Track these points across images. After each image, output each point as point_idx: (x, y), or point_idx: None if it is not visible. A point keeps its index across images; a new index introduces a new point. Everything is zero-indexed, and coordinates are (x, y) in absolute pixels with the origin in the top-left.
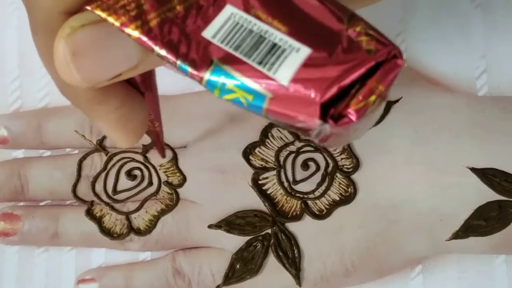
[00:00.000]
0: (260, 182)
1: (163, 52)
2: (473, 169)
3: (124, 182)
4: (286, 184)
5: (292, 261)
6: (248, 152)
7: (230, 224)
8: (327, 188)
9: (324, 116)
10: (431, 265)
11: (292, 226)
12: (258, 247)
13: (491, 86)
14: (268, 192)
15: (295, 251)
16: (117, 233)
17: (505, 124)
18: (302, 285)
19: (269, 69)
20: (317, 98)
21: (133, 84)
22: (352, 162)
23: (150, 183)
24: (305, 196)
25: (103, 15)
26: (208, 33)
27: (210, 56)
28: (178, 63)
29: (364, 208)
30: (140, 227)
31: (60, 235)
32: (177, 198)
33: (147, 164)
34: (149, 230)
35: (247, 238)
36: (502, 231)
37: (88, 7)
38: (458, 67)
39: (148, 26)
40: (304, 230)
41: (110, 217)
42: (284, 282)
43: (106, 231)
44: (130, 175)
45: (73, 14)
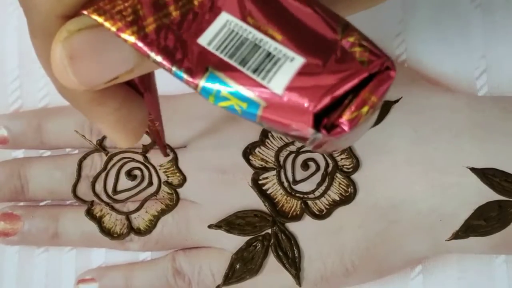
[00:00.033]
0: (260, 182)
1: (158, 59)
2: (473, 169)
3: (124, 182)
4: (286, 184)
5: (292, 261)
6: (248, 152)
7: (230, 224)
8: (327, 188)
9: (317, 126)
10: (431, 265)
11: (292, 226)
12: (258, 247)
13: (491, 86)
14: (268, 192)
15: (295, 251)
16: (117, 233)
17: (505, 124)
18: (302, 285)
19: (264, 77)
20: (311, 108)
21: (132, 85)
22: (352, 162)
23: (150, 183)
24: (305, 196)
25: (99, 20)
26: (203, 40)
27: (205, 63)
28: (174, 69)
29: (364, 208)
30: (140, 227)
31: (60, 235)
32: (177, 198)
33: (147, 164)
34: (149, 230)
35: (247, 238)
36: (502, 231)
37: (85, 12)
38: (458, 67)
39: (144, 31)
40: (304, 230)
41: (110, 217)
42: (284, 282)
43: (106, 231)
44: (130, 175)
45: (70, 18)
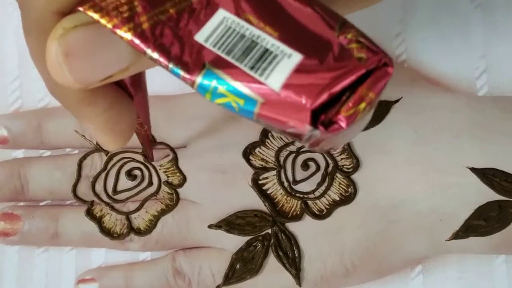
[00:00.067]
0: (260, 182)
1: (155, 55)
2: (473, 169)
3: (124, 182)
4: (286, 184)
5: (292, 261)
6: (248, 152)
7: (230, 224)
8: (327, 188)
9: (314, 122)
10: (431, 265)
11: (292, 226)
12: (258, 247)
13: (491, 86)
14: (268, 192)
15: (295, 251)
16: (117, 233)
17: (505, 124)
18: (302, 285)
19: (261, 74)
20: (308, 104)
21: (122, 86)
22: (352, 162)
23: (150, 183)
24: (305, 196)
25: (95, 16)
26: (200, 36)
27: (202, 60)
28: (170, 66)
29: (364, 208)
30: (140, 227)
31: (60, 235)
32: (177, 198)
33: (147, 164)
34: (149, 230)
35: (247, 238)
36: (502, 231)
37: (81, 8)
38: (458, 67)
39: (140, 28)
40: (304, 230)
41: (110, 217)
42: (284, 282)
43: (106, 231)
44: (130, 175)
45: (66, 15)
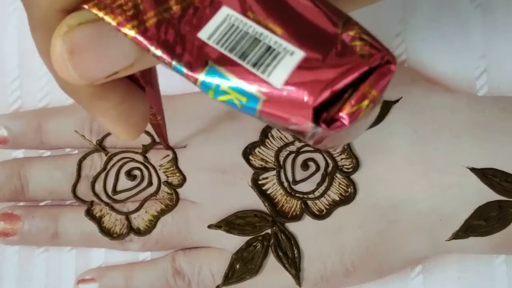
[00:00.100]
0: (260, 182)
1: (158, 52)
2: (473, 169)
3: (124, 182)
4: (286, 184)
5: (292, 261)
6: (248, 152)
7: (230, 224)
8: (327, 188)
9: (317, 120)
10: (431, 265)
11: (292, 226)
12: (258, 247)
13: (491, 86)
14: (268, 192)
15: (295, 251)
16: (117, 233)
17: (505, 124)
18: (302, 285)
19: (264, 71)
20: (310, 102)
21: (133, 79)
22: (352, 162)
23: (150, 183)
24: (305, 196)
25: (100, 14)
26: (203, 34)
27: (205, 57)
28: (174, 63)
29: (364, 208)
30: (140, 227)
31: (60, 235)
32: (177, 198)
33: (147, 164)
34: (149, 230)
35: (247, 238)
36: (502, 231)
37: (85, 6)
38: (458, 67)
39: (144, 26)
40: (304, 230)
41: (110, 217)
42: (284, 282)
43: (106, 231)
44: (130, 175)
45: (70, 12)
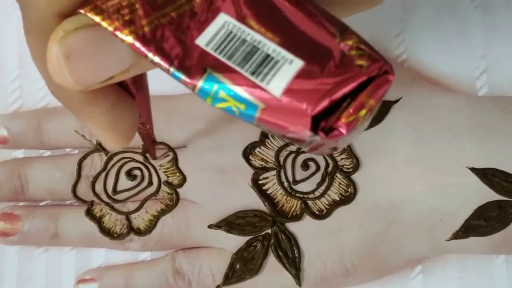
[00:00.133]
0: (260, 182)
1: (156, 59)
2: (473, 169)
3: (124, 182)
4: (286, 184)
5: (292, 261)
6: (248, 152)
7: (230, 224)
8: (327, 188)
9: (315, 128)
10: (431, 265)
11: (292, 226)
12: (258, 247)
13: (491, 86)
14: (268, 192)
15: (295, 251)
16: (117, 233)
17: (505, 124)
18: (302, 285)
19: (262, 79)
20: (309, 111)
21: (124, 86)
22: (352, 162)
23: (150, 183)
24: (305, 196)
25: (96, 19)
26: (201, 40)
27: (203, 64)
28: (171, 70)
29: (364, 208)
30: (140, 227)
31: (60, 235)
32: (177, 198)
33: (147, 164)
34: (149, 230)
35: (247, 238)
36: (502, 231)
37: (82, 10)
38: (458, 67)
39: (141, 31)
40: (304, 230)
41: (110, 217)
42: (284, 282)
43: (106, 231)
44: (130, 175)
45: (67, 17)
